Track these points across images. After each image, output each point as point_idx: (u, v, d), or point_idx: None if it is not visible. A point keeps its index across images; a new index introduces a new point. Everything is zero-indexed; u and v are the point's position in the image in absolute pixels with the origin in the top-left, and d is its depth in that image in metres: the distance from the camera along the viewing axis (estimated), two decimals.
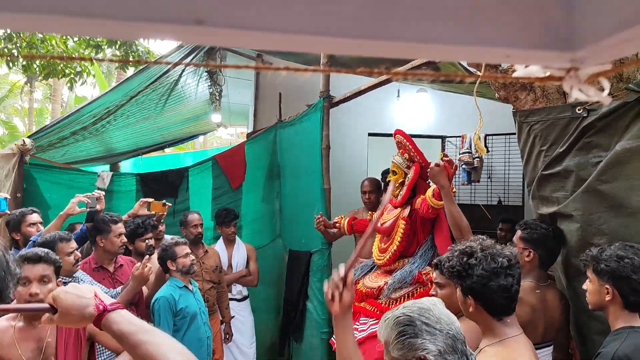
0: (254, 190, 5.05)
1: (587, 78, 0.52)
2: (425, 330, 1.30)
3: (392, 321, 1.34)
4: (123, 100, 4.81)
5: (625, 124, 2.21)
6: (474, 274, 1.70)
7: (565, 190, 2.41)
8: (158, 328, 3.03)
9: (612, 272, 1.91)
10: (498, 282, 1.68)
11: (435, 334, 1.30)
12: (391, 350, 1.32)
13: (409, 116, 5.90)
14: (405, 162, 3.03)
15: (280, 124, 5.00)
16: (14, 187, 4.08)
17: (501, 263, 1.71)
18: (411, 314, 1.33)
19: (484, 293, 1.69)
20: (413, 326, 1.31)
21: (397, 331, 1.31)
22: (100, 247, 3.21)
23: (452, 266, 1.78)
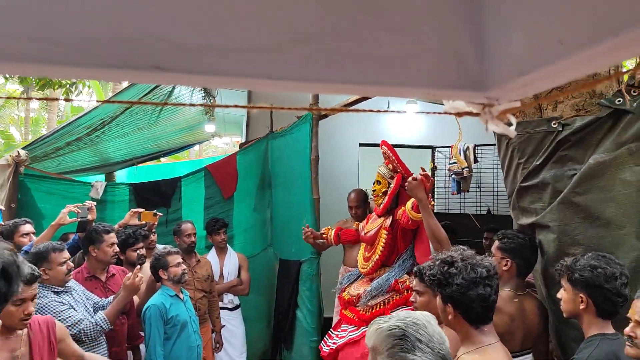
0: (245, 200, 5.11)
1: (498, 114, 0.60)
2: (418, 347, 1.32)
3: (386, 331, 1.36)
4: (117, 111, 4.88)
5: (598, 138, 2.29)
6: (453, 282, 1.75)
7: (543, 202, 2.48)
8: (149, 336, 3.07)
9: (586, 282, 1.96)
10: (477, 291, 1.74)
11: (427, 352, 1.33)
12: (378, 357, 1.36)
13: (399, 127, 5.99)
14: (390, 173, 3.12)
15: (271, 135, 5.08)
16: (8, 197, 4.14)
17: (480, 273, 1.76)
18: (406, 329, 1.35)
19: (463, 302, 1.75)
20: (407, 341, 1.33)
21: (391, 343, 1.34)
22: (93, 257, 3.26)
23: (433, 274, 1.83)
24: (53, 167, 5.27)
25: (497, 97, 0.61)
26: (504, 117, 0.61)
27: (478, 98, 0.61)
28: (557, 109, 2.43)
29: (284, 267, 4.57)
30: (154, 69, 0.56)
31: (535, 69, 0.51)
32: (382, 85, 0.61)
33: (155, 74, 0.56)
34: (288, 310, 4.31)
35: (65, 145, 4.94)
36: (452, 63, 0.60)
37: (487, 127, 0.62)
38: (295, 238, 4.35)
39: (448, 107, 0.65)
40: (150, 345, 3.15)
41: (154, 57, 0.55)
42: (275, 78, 0.58)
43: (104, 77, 0.57)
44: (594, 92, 2.36)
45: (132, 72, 0.56)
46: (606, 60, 0.47)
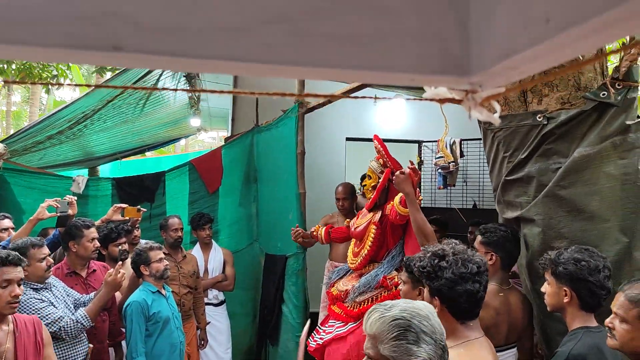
0: (230, 195, 5.06)
1: (481, 100, 0.57)
2: (422, 339, 1.32)
3: (390, 320, 1.34)
4: (100, 104, 4.79)
5: (583, 131, 2.29)
6: (443, 276, 1.75)
7: (528, 195, 2.48)
8: (130, 333, 3.03)
9: (570, 275, 1.97)
10: (465, 287, 1.74)
11: (430, 343, 1.33)
12: (381, 347, 1.34)
13: (386, 121, 5.97)
14: (380, 168, 3.10)
15: (257, 129, 5.03)
16: None
17: (470, 269, 1.76)
18: (411, 320, 1.34)
19: (451, 296, 1.74)
20: (413, 332, 1.32)
21: (396, 333, 1.33)
22: (73, 252, 3.20)
23: (423, 266, 1.82)
24: (35, 161, 5.17)
25: (480, 82, 0.58)
26: (487, 103, 0.58)
27: (461, 84, 0.58)
28: (542, 102, 2.42)
29: (270, 262, 4.53)
30: (114, 49, 0.52)
31: (520, 50, 0.48)
32: (361, 69, 0.57)
33: (115, 55, 0.52)
34: (274, 305, 4.28)
35: (46, 139, 4.84)
36: (434, 46, 0.57)
37: (470, 115, 0.59)
38: (281, 233, 4.32)
39: (430, 93, 0.62)
40: (132, 342, 3.10)
41: (114, 36, 0.51)
42: (247, 61, 0.55)
43: (58, 58, 0.53)
44: (578, 86, 2.35)
45: (89, 53, 0.52)
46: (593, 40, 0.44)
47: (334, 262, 4.20)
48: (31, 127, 4.67)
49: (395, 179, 2.61)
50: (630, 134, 2.20)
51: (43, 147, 5.03)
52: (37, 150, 5.04)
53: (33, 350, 2.29)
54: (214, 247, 4.52)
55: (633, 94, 2.21)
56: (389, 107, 6.02)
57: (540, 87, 2.42)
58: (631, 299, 1.69)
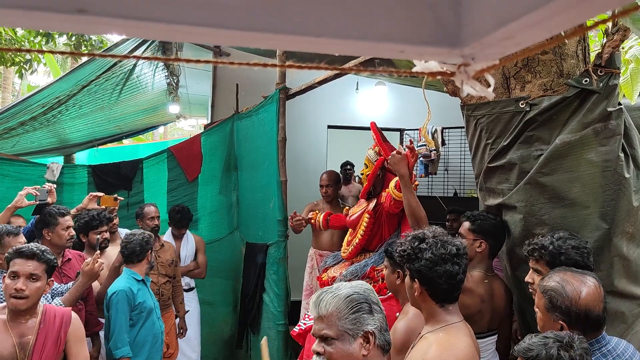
0: (210, 183, 4.99)
1: (474, 74, 0.54)
2: (374, 309, 1.46)
3: (344, 297, 1.45)
4: (74, 89, 4.66)
5: (565, 118, 2.29)
6: (422, 257, 1.76)
7: (510, 183, 2.47)
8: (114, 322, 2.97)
9: (574, 264, 1.92)
10: (444, 267, 1.75)
11: (379, 312, 1.48)
12: (339, 323, 1.43)
13: (367, 109, 5.94)
14: (376, 156, 3.07)
15: (237, 116, 4.95)
16: None
17: (450, 250, 1.78)
18: (364, 293, 1.47)
19: (431, 277, 1.75)
20: (367, 304, 1.45)
21: (352, 307, 1.44)
22: (47, 241, 3.11)
23: (404, 250, 1.84)
24: (7, 148, 5.02)
25: (473, 55, 0.55)
26: (480, 77, 0.55)
27: (453, 56, 0.55)
28: (525, 89, 2.41)
29: (251, 250, 4.49)
30: (78, 12, 0.47)
31: (517, 16, 0.45)
32: (346, 38, 0.54)
33: (78, 19, 0.47)
34: (255, 294, 4.25)
35: (18, 125, 4.69)
36: (424, 14, 0.53)
37: (462, 89, 0.56)
38: (262, 221, 4.28)
39: (420, 67, 0.59)
40: (116, 332, 3.02)
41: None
42: (223, 28, 0.50)
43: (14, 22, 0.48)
44: (561, 72, 2.35)
45: (50, 16, 0.47)
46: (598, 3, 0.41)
47: (318, 250, 4.19)
48: (2, 112, 4.51)
49: (391, 158, 2.57)
50: (611, 120, 2.21)
51: (16, 133, 4.88)
52: (9, 137, 4.89)
53: (53, 344, 2.27)
54: (186, 235, 4.48)
55: (615, 81, 2.21)
56: (371, 95, 5.99)
57: (523, 73, 2.41)
58: (542, 289, 1.74)
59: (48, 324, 2.30)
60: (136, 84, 5.39)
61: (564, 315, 1.67)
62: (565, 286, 1.68)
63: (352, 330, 1.42)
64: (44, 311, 2.33)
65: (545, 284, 1.74)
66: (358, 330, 1.42)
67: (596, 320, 1.66)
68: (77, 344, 2.39)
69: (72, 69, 4.71)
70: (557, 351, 1.44)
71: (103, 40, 7.24)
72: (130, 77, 5.13)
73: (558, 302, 1.67)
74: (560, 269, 1.80)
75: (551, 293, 1.69)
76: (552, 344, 1.46)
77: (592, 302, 1.66)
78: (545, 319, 1.73)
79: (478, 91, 0.53)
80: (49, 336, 2.28)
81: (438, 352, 1.66)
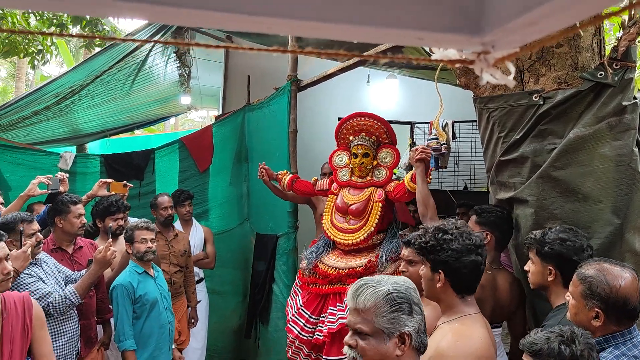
0: (221, 174, 5.01)
1: (494, 61, 0.54)
2: (414, 310, 1.41)
3: (385, 294, 1.40)
4: (87, 79, 4.69)
5: (579, 112, 2.27)
6: (449, 248, 1.77)
7: (522, 176, 2.46)
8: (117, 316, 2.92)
9: (557, 255, 2.03)
10: (470, 257, 1.77)
11: (419, 313, 1.43)
12: (376, 320, 1.39)
13: (378, 102, 5.92)
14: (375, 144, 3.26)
15: (248, 107, 4.96)
16: None
17: (474, 241, 1.80)
18: (405, 292, 1.42)
19: (457, 268, 1.76)
20: (407, 304, 1.40)
21: (392, 306, 1.39)
22: (59, 228, 3.16)
23: (426, 242, 1.83)
24: (21, 137, 5.07)
25: (493, 42, 0.55)
26: (501, 65, 0.55)
27: (473, 44, 0.55)
28: (539, 82, 2.39)
29: (261, 241, 4.51)
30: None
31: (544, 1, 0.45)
32: (365, 25, 0.54)
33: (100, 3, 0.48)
34: (264, 284, 4.27)
35: (32, 114, 4.73)
36: (446, 0, 0.53)
37: (482, 77, 0.56)
38: (273, 212, 4.30)
39: (439, 55, 0.59)
40: (119, 325, 3.07)
41: None
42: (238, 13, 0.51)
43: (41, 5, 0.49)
44: (576, 65, 2.32)
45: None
46: None
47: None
48: (17, 101, 4.56)
49: (411, 153, 2.83)
50: (626, 115, 2.19)
51: (30, 122, 4.93)
52: (23, 127, 4.94)
53: (20, 332, 2.19)
54: (194, 225, 4.49)
55: (630, 75, 2.19)
56: (382, 88, 5.97)
57: (537, 66, 2.39)
58: (579, 276, 1.75)
59: (11, 313, 2.17)
60: (148, 74, 5.42)
61: (602, 302, 1.68)
62: (606, 274, 1.69)
63: (389, 330, 1.38)
64: (3, 299, 2.19)
65: (584, 271, 1.74)
66: (395, 330, 1.38)
67: (632, 311, 1.68)
68: (41, 329, 2.27)
69: (86, 59, 4.74)
70: (558, 345, 1.46)
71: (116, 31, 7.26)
72: (142, 68, 5.15)
73: (597, 289, 1.68)
74: (598, 259, 1.81)
75: (591, 280, 1.70)
76: (554, 339, 1.48)
77: (631, 292, 1.67)
78: (579, 307, 1.74)
79: (498, 79, 0.53)
80: (15, 325, 2.16)
81: (452, 341, 1.66)
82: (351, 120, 3.26)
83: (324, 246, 3.22)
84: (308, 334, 3.00)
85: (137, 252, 3.14)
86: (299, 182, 3.64)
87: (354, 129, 3.26)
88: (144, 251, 3.14)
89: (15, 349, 2.14)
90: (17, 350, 2.14)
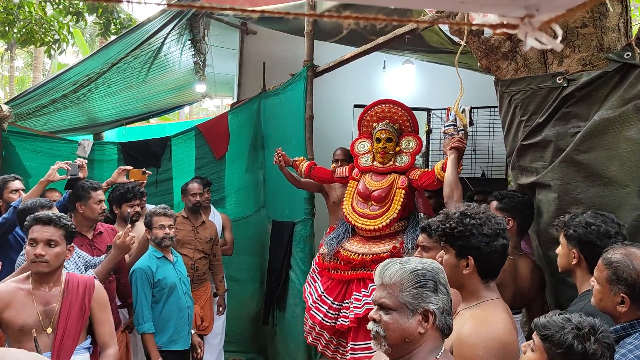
0: (237, 161, 5.02)
1: (540, 25, 0.51)
2: (440, 289, 1.41)
3: (411, 271, 1.41)
4: (104, 67, 4.70)
5: (605, 94, 2.21)
6: (479, 232, 1.74)
7: (544, 160, 2.42)
8: (136, 299, 3.01)
9: (579, 238, 2.00)
10: (500, 241, 1.75)
11: (445, 293, 1.42)
12: (400, 294, 1.39)
13: (394, 88, 5.85)
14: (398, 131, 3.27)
15: (264, 94, 4.94)
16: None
17: (502, 225, 1.79)
18: (432, 271, 1.42)
19: (487, 252, 1.74)
20: (432, 282, 1.40)
21: (417, 282, 1.39)
22: (80, 214, 3.21)
23: (453, 227, 1.79)
24: (39, 126, 5.12)
25: (537, 5, 0.52)
26: (546, 28, 0.52)
27: (516, 7, 0.52)
28: (562, 64, 2.34)
29: (277, 228, 4.52)
30: None
31: None
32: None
33: None
34: (281, 271, 4.29)
35: (50, 102, 4.76)
36: None
37: (526, 43, 0.53)
38: (289, 199, 4.29)
39: (480, 21, 0.56)
40: (138, 308, 3.12)
41: None
42: None
43: None
44: (601, 46, 2.26)
45: None
46: None
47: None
48: (35, 89, 4.59)
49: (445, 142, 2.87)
50: None
51: (47, 111, 4.96)
52: (41, 115, 4.98)
53: (77, 311, 2.32)
54: (212, 212, 4.52)
55: None
56: (398, 74, 5.90)
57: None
58: (605, 260, 1.72)
59: (72, 292, 2.32)
60: (164, 62, 5.42)
61: (628, 287, 1.65)
62: (632, 259, 1.66)
63: (412, 305, 1.38)
64: (67, 280, 2.36)
65: (610, 256, 1.71)
66: (418, 306, 1.38)
67: None
68: (102, 311, 2.41)
69: (102, 46, 4.75)
70: (572, 339, 1.41)
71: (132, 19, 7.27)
72: (158, 56, 5.15)
73: (624, 274, 1.65)
74: (624, 244, 1.79)
75: (617, 265, 1.67)
76: (570, 331, 1.43)
77: None
78: (604, 292, 1.72)
79: (545, 43, 0.51)
80: (74, 304, 2.31)
81: (474, 328, 1.64)
82: (375, 107, 3.28)
83: (344, 232, 3.23)
84: (331, 320, 3.02)
85: (155, 237, 3.19)
86: (317, 169, 3.64)
87: (377, 116, 3.28)
88: (162, 237, 3.19)
89: (70, 325, 2.28)
90: (72, 327, 2.28)
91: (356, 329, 2.91)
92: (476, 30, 2.54)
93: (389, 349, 1.41)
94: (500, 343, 1.63)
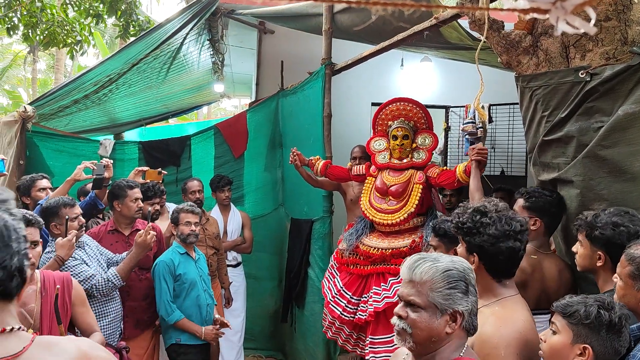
0: (256, 159, 5.05)
1: (573, 8, 0.51)
2: (470, 291, 1.39)
3: (443, 270, 1.38)
4: (124, 67, 4.77)
5: (629, 88, 2.18)
6: (485, 232, 1.73)
7: (566, 156, 2.39)
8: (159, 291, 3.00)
9: (608, 240, 1.92)
10: (507, 244, 1.72)
11: (474, 294, 1.41)
12: (431, 294, 1.37)
13: (412, 86, 5.83)
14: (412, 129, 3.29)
15: (282, 93, 4.97)
16: (16, 154, 4.10)
17: (514, 227, 1.74)
18: (463, 272, 1.40)
19: (492, 253, 1.72)
20: (464, 283, 1.38)
21: (449, 283, 1.37)
22: (117, 212, 3.33)
23: (463, 222, 1.79)
24: (62, 126, 5.21)
25: None
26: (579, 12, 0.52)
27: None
28: (585, 58, 2.31)
29: (296, 226, 4.54)
30: None
31: None
32: None
33: None
34: (300, 269, 4.31)
35: (72, 103, 4.85)
36: None
37: (557, 28, 0.53)
38: (307, 197, 4.31)
39: (510, 5, 0.56)
40: (162, 298, 3.17)
41: None
42: None
43: None
44: (625, 40, 2.22)
45: None
46: None
47: None
48: (58, 89, 4.68)
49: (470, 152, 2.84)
50: None
51: (70, 112, 5.05)
52: (64, 115, 5.07)
53: (60, 309, 2.27)
54: (232, 210, 4.57)
55: None
56: (416, 72, 5.87)
57: (583, 41, 2.30)
58: (628, 256, 1.69)
59: (49, 291, 2.25)
60: (182, 62, 5.48)
61: None
62: None
63: (442, 305, 1.36)
64: (42, 278, 2.27)
65: (632, 252, 1.68)
66: (448, 307, 1.37)
67: None
68: (83, 305, 2.38)
69: (123, 47, 4.82)
70: (597, 310, 1.43)
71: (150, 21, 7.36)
72: (177, 56, 5.21)
73: None
74: None
75: (639, 261, 1.64)
76: (592, 303, 1.46)
77: None
78: (627, 288, 1.68)
79: (578, 27, 0.51)
80: (53, 302, 2.24)
81: (495, 327, 1.62)
82: (390, 105, 3.31)
83: (362, 228, 3.25)
84: (350, 315, 3.03)
85: (180, 234, 3.26)
86: (333, 167, 3.65)
87: (392, 114, 3.31)
88: (187, 234, 3.26)
89: (54, 325, 2.22)
90: (56, 326, 2.23)
91: (375, 322, 2.91)
92: (496, 26, 2.52)
93: (413, 346, 1.40)
94: (522, 341, 1.62)
